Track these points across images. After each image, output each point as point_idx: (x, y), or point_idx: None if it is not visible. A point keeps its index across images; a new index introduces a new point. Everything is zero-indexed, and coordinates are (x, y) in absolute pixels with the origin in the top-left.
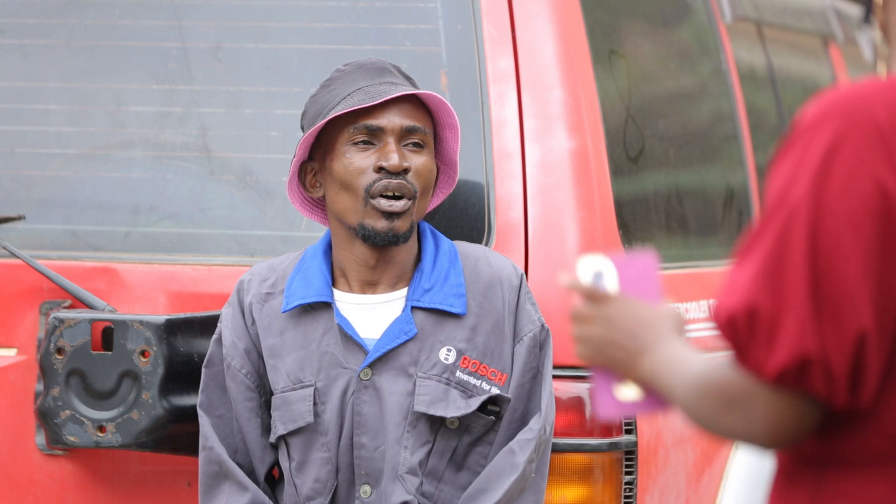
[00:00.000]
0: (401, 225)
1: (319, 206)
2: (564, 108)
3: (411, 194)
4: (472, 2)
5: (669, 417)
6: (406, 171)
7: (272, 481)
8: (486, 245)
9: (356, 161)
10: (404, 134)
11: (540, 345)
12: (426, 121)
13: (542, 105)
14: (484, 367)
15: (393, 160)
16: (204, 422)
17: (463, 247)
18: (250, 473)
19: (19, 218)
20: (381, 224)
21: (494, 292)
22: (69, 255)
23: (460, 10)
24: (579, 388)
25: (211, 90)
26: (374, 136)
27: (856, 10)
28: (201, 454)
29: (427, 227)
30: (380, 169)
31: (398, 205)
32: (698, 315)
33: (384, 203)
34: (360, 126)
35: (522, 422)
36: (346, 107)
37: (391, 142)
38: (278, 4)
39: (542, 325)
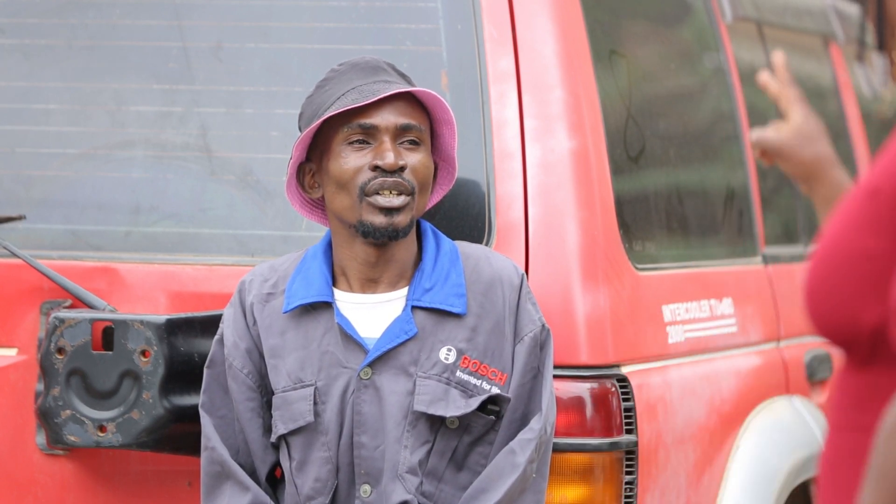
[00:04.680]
0: (401, 220)
1: (319, 206)
2: (565, 107)
3: (409, 191)
4: (472, 2)
5: (669, 417)
6: (402, 168)
7: (274, 482)
8: (487, 245)
9: (352, 160)
10: (399, 132)
11: (540, 345)
12: (422, 118)
13: (542, 105)
14: (484, 366)
15: (388, 159)
16: (206, 422)
17: (464, 247)
18: (252, 474)
19: (20, 218)
20: (379, 220)
21: (495, 292)
22: (70, 255)
23: (461, 10)
24: (580, 388)
25: (211, 90)
26: (369, 136)
27: (855, 10)
28: (203, 454)
29: (428, 226)
30: (375, 168)
31: (397, 200)
32: (699, 315)
33: (382, 199)
34: (354, 126)
35: (523, 422)
36: (340, 107)
37: (386, 140)
38: (279, 4)
39: (543, 325)
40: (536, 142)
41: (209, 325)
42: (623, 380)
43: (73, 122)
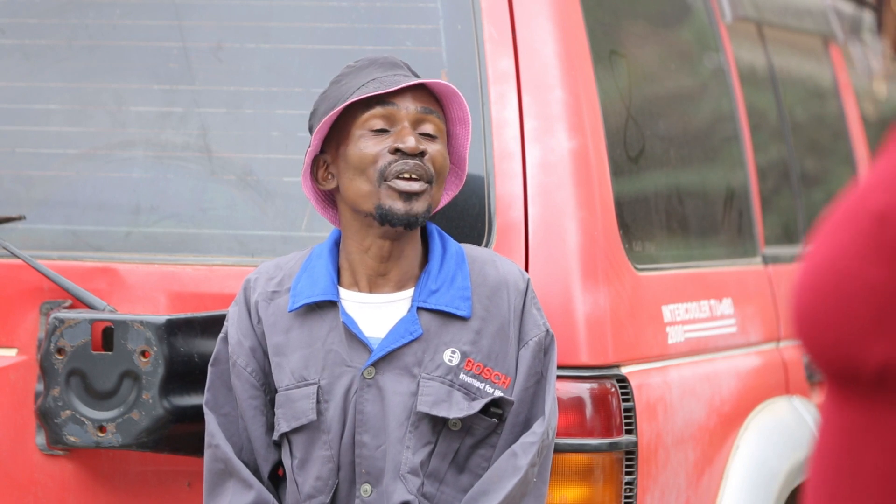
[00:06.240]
0: (419, 207)
1: (332, 204)
2: (565, 108)
3: (428, 177)
4: (472, 2)
5: (669, 417)
6: (423, 153)
7: (276, 480)
8: (487, 245)
9: (371, 146)
10: (419, 119)
11: (544, 350)
12: (439, 111)
13: (542, 105)
14: (488, 369)
15: (410, 142)
16: (210, 420)
17: (470, 250)
18: (255, 472)
19: (20, 218)
20: (398, 205)
21: (500, 296)
22: (70, 256)
23: (460, 10)
24: (580, 389)
25: (212, 90)
26: (389, 122)
27: (853, 10)
28: (207, 452)
29: (435, 228)
30: (395, 151)
31: (416, 185)
32: (699, 315)
33: (402, 184)
34: (376, 111)
35: (525, 426)
36: (364, 94)
37: (407, 126)
38: (279, 4)
39: (548, 331)
40: (536, 142)
41: (209, 325)
42: (623, 380)
43: (74, 122)
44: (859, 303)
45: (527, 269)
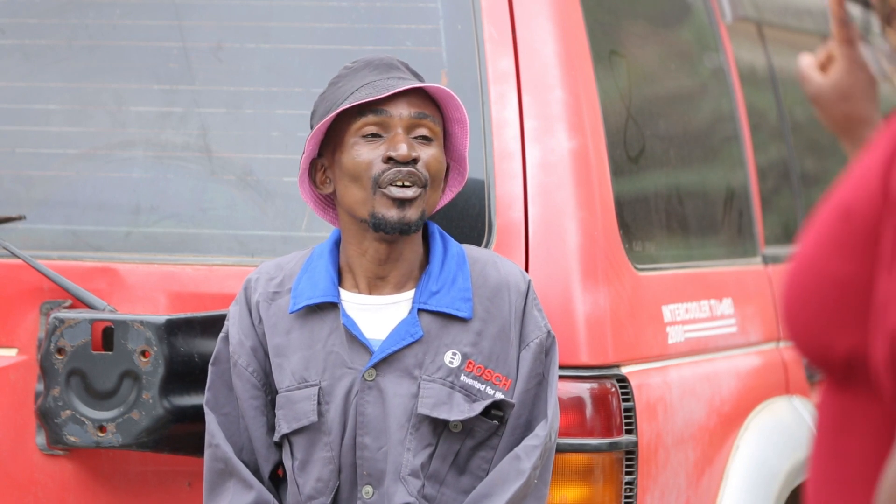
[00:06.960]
0: (412, 213)
1: (331, 205)
2: (565, 108)
3: (422, 183)
4: (472, 2)
5: (669, 417)
6: (415, 160)
7: (276, 481)
8: (487, 245)
9: (365, 153)
10: (413, 124)
11: (546, 351)
12: (435, 113)
13: (542, 105)
14: (489, 371)
15: (402, 150)
16: (210, 419)
17: (471, 251)
18: (255, 472)
19: (20, 218)
20: (392, 213)
21: (501, 297)
22: (70, 255)
23: (461, 10)
24: (580, 388)
25: (212, 90)
26: (382, 129)
27: (861, 14)
28: (207, 451)
29: (436, 229)
30: (388, 159)
31: (409, 192)
32: (699, 315)
33: (395, 190)
34: (368, 118)
35: (527, 428)
36: (355, 100)
37: (400, 132)
38: (279, 4)
39: (549, 332)
40: (536, 142)
41: (209, 325)
42: (623, 380)
43: (74, 122)
44: (829, 297)
45: (527, 269)
